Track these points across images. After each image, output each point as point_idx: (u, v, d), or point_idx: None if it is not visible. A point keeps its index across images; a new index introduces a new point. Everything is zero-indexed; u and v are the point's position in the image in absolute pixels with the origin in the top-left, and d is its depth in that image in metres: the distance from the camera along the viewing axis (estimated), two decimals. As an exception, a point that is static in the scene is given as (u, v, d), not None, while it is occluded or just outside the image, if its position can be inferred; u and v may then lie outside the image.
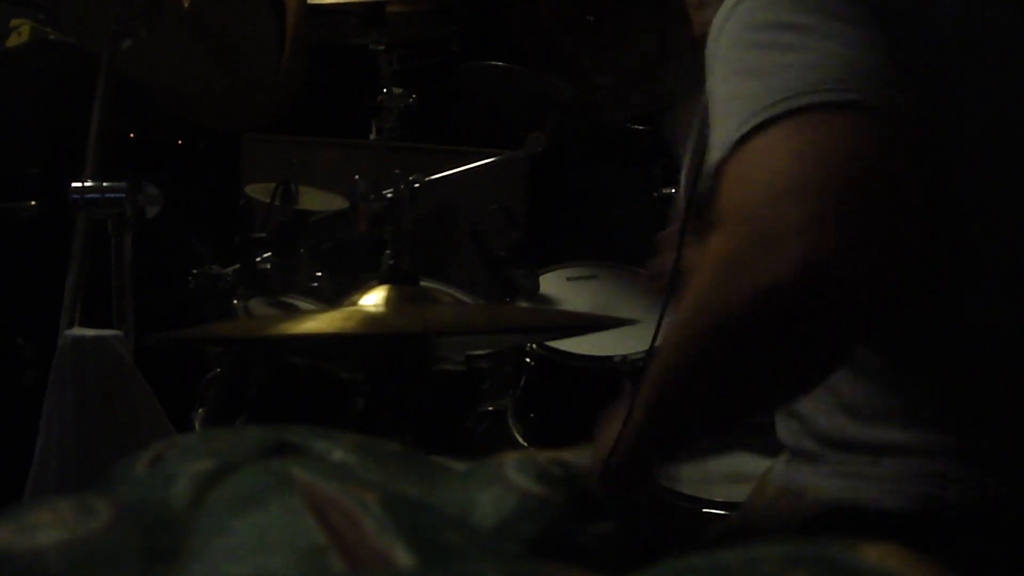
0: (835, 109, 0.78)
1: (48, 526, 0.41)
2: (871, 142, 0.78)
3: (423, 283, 1.16)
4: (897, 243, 0.76)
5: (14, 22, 2.72)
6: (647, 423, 0.89)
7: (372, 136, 2.39)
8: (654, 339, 0.99)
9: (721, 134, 0.83)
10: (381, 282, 1.11)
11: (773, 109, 0.79)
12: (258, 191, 2.28)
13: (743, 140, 0.80)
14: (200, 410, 1.91)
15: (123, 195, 1.23)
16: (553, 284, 2.12)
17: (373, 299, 1.09)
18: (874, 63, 0.82)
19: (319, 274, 2.13)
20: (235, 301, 1.98)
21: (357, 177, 2.17)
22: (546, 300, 2.07)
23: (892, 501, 0.89)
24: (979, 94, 0.92)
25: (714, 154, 0.84)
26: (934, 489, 0.88)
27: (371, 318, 1.01)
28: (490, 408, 1.91)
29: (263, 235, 2.11)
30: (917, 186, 0.79)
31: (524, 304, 2.00)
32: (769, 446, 1.09)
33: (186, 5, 1.80)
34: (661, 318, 0.96)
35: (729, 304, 0.78)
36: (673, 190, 1.98)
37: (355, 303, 1.09)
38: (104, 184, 1.24)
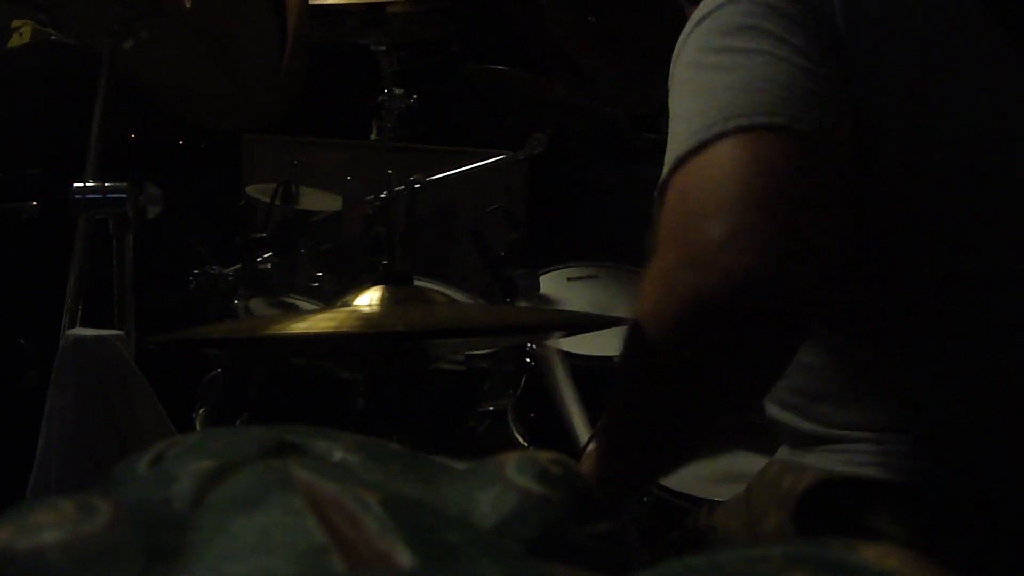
0: (764, 131, 0.82)
1: (50, 526, 0.41)
2: (796, 163, 0.81)
3: (418, 283, 1.16)
4: (815, 258, 0.79)
5: (15, 22, 2.72)
6: (609, 449, 0.92)
7: (372, 136, 2.39)
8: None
9: (667, 155, 0.87)
10: (375, 282, 1.11)
11: (708, 132, 0.83)
12: (258, 191, 2.28)
13: (681, 161, 0.84)
14: (201, 410, 1.91)
15: (124, 195, 1.23)
16: (553, 284, 2.12)
17: (367, 299, 1.09)
18: (812, 89, 0.85)
19: (319, 274, 2.13)
20: (235, 301, 1.98)
21: (349, 178, 2.17)
22: (546, 300, 2.07)
23: (891, 474, 0.90)
24: (940, 108, 0.94)
25: (663, 174, 0.88)
26: (933, 466, 0.90)
27: (365, 318, 1.01)
28: (490, 408, 1.91)
29: (263, 235, 2.11)
30: (839, 206, 0.82)
31: (524, 304, 2.00)
32: (769, 446, 1.10)
33: (187, 5, 1.81)
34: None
35: (662, 322, 0.82)
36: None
37: (348, 304, 1.09)
38: (105, 184, 1.24)
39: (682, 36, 0.94)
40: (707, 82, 0.88)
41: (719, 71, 0.87)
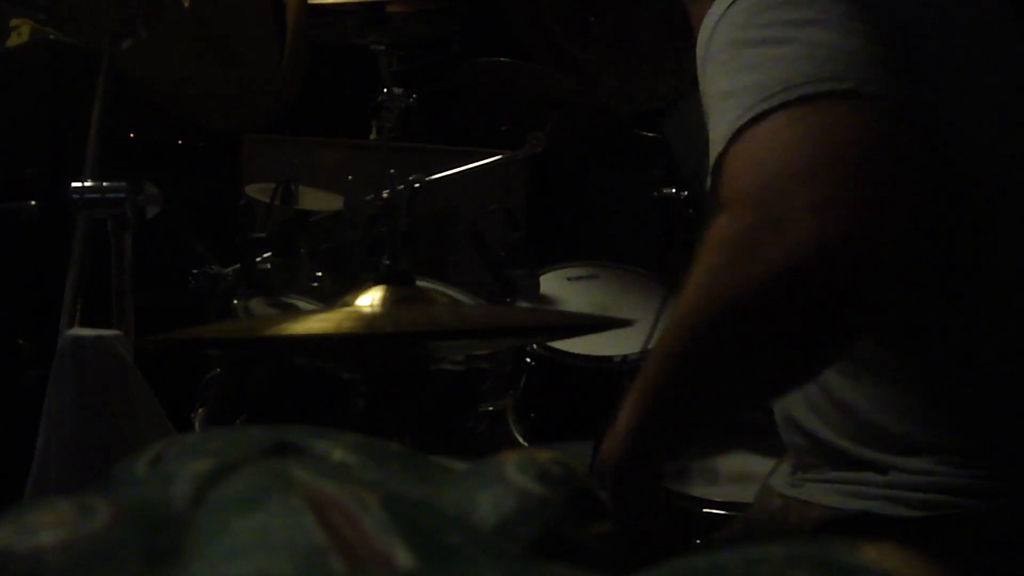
0: (833, 97, 0.80)
1: (48, 526, 0.41)
2: (870, 127, 0.80)
3: (419, 283, 1.15)
4: (905, 221, 0.78)
5: (14, 22, 2.72)
6: (647, 413, 0.87)
7: (372, 136, 2.39)
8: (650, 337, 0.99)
9: (719, 130, 0.84)
10: (377, 282, 1.11)
11: (771, 101, 0.80)
12: (258, 191, 2.28)
13: (742, 131, 0.81)
14: (200, 410, 1.91)
15: (123, 195, 1.23)
16: (553, 284, 2.12)
17: (368, 299, 1.09)
18: (870, 53, 0.83)
19: (319, 274, 2.13)
20: (235, 301, 1.98)
21: (349, 178, 2.17)
22: (546, 300, 2.07)
23: (899, 510, 0.89)
24: (967, 89, 0.92)
25: (714, 150, 0.85)
26: (941, 497, 0.88)
27: (365, 318, 1.01)
28: (490, 408, 1.91)
29: (263, 235, 2.11)
30: (919, 168, 0.80)
31: (524, 304, 2.00)
32: (769, 446, 1.09)
33: (186, 5, 1.80)
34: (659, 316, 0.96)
35: (741, 286, 0.79)
36: (673, 190, 1.98)
37: (349, 304, 1.09)
38: (104, 184, 1.24)
39: (708, 21, 0.91)
40: (757, 55, 0.85)
41: (768, 44, 0.85)
